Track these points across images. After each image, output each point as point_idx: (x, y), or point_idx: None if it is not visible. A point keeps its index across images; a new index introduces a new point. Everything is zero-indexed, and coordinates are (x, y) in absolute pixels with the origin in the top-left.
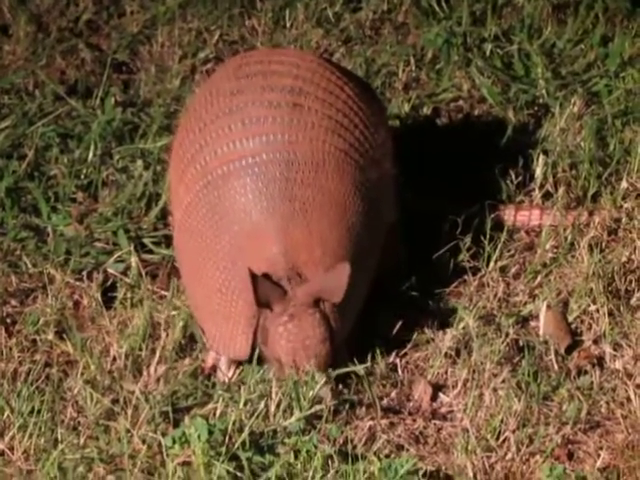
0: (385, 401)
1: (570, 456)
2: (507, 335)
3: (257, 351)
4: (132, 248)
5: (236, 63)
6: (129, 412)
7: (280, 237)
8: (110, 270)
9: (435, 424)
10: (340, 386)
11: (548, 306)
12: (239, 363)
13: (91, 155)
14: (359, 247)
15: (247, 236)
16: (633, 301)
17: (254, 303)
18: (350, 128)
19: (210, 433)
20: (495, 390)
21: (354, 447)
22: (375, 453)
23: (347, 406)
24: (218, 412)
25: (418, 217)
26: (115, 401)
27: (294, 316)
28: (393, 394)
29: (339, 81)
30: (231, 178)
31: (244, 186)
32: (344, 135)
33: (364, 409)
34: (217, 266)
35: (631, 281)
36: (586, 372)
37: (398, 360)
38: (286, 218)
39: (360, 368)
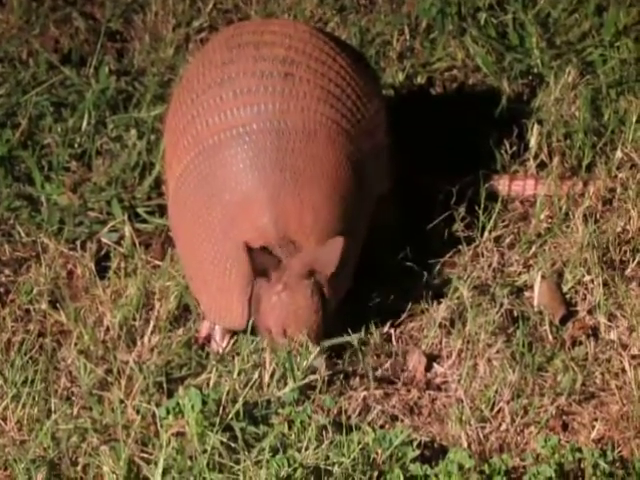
0: (379, 371)
1: (565, 427)
2: (502, 305)
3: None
4: (126, 217)
5: (228, 33)
6: (123, 382)
7: (271, 206)
8: (104, 240)
9: (429, 395)
10: (334, 357)
11: (543, 276)
12: (233, 333)
13: (85, 124)
14: (350, 216)
15: (238, 206)
16: (628, 272)
17: (247, 273)
18: (342, 98)
19: (204, 403)
20: (489, 361)
21: (348, 418)
22: (369, 424)
23: (341, 377)
24: (212, 382)
25: (412, 187)
26: (109, 371)
27: (287, 286)
28: (387, 365)
29: (332, 51)
30: (222, 148)
31: (235, 156)
32: (336, 105)
33: (358, 379)
34: (209, 237)
35: (626, 251)
36: (581, 343)
37: (392, 330)
38: (277, 187)
39: (354, 338)
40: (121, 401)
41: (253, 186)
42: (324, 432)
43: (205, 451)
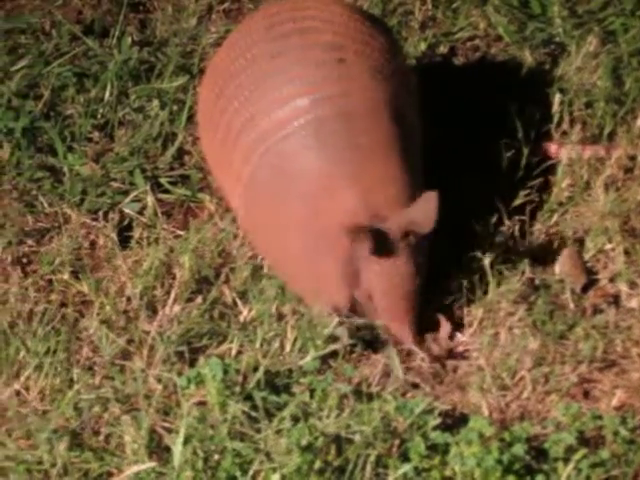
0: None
1: (586, 395)
2: (523, 274)
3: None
4: (148, 187)
5: (266, 22)
6: (144, 352)
7: (356, 186)
8: (126, 210)
9: (451, 363)
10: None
11: (564, 245)
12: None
13: (107, 95)
14: (419, 179)
15: (323, 193)
16: None
17: (343, 255)
18: (388, 76)
19: (225, 373)
20: (511, 329)
21: (369, 386)
22: (390, 392)
23: (363, 345)
24: (234, 352)
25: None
26: (130, 341)
27: (388, 253)
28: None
29: (368, 30)
30: (292, 140)
31: (308, 145)
32: (384, 82)
33: (381, 347)
34: (297, 230)
35: None
36: (602, 311)
37: None
38: (356, 166)
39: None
40: (142, 371)
41: (333, 170)
42: (345, 401)
43: (226, 420)
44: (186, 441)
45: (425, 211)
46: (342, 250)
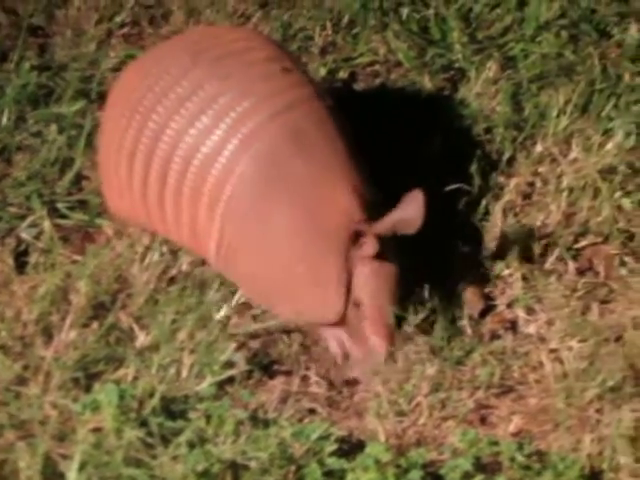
0: (302, 364)
1: (483, 421)
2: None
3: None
4: (45, 213)
5: (189, 52)
6: (40, 378)
7: (346, 187)
8: (23, 235)
9: (347, 388)
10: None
11: (462, 270)
12: None
13: (5, 119)
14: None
15: (314, 199)
16: (547, 265)
17: (343, 259)
18: (313, 81)
19: (121, 399)
20: (408, 354)
21: (266, 412)
22: (287, 418)
23: (260, 370)
24: (130, 377)
25: None
26: (26, 367)
27: (379, 255)
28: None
29: (282, 46)
30: (274, 151)
31: (292, 154)
32: (315, 86)
33: (277, 373)
34: (291, 239)
35: (545, 245)
36: (499, 337)
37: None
38: (342, 168)
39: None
40: (38, 397)
41: (324, 175)
42: (242, 427)
43: (122, 446)
44: (81, 467)
45: (412, 211)
46: (341, 252)
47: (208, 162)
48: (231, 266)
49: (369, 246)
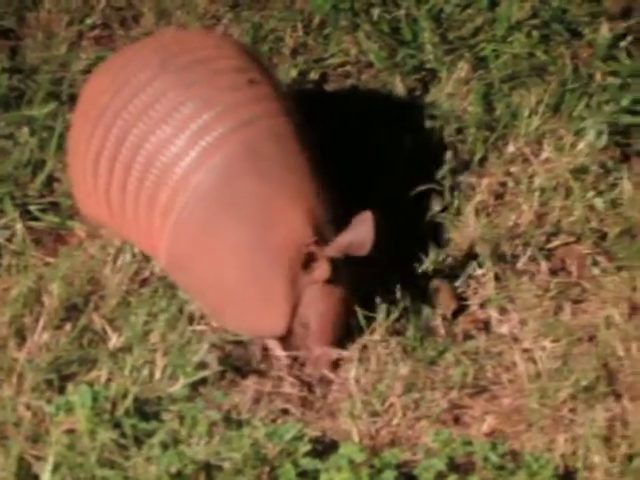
0: (274, 366)
1: (456, 421)
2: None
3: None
4: (17, 215)
5: (157, 57)
6: (13, 380)
7: (299, 205)
8: None
9: (321, 389)
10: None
11: (434, 271)
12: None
13: None
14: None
15: (265, 217)
16: (519, 265)
17: (291, 276)
18: (286, 94)
19: (94, 400)
20: (381, 355)
21: (239, 413)
22: (260, 419)
23: (233, 371)
24: (103, 379)
25: None
26: None
27: (327, 279)
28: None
29: (252, 53)
30: (228, 166)
31: (245, 170)
32: (290, 102)
33: (250, 373)
34: (240, 253)
35: (517, 246)
36: (472, 337)
37: None
38: (296, 186)
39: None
40: (11, 398)
41: (276, 192)
42: (215, 428)
43: (95, 448)
44: (55, 469)
45: (362, 233)
46: (289, 270)
47: (166, 171)
48: (181, 276)
49: (322, 270)
